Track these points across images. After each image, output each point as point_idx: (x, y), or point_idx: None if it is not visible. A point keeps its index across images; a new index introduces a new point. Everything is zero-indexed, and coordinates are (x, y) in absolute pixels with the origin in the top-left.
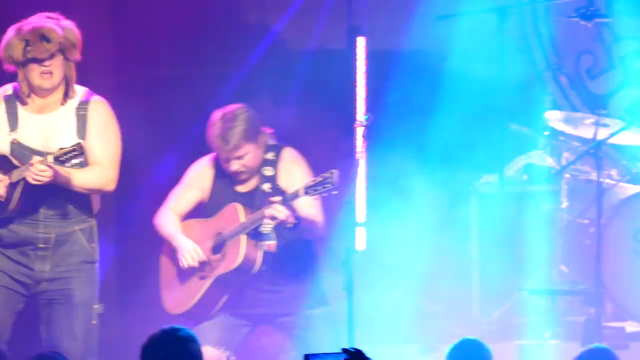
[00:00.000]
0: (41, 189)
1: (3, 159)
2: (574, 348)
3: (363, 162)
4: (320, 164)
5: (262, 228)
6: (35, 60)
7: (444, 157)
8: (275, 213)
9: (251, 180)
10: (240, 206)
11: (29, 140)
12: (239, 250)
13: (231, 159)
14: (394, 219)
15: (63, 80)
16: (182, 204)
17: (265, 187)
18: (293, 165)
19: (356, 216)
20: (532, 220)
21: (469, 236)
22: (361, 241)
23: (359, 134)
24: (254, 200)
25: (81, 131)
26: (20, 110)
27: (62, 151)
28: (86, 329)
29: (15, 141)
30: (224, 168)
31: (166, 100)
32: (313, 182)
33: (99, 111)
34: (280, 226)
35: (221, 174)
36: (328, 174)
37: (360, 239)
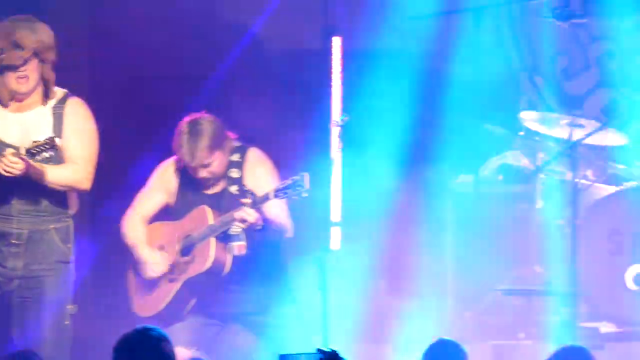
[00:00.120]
0: (15, 183)
1: None
2: (548, 348)
3: (338, 162)
4: (295, 163)
5: (232, 230)
6: (10, 67)
7: (419, 157)
8: (245, 216)
9: (218, 183)
10: (208, 209)
11: (5, 136)
12: (209, 253)
13: (197, 168)
14: (369, 218)
15: (40, 82)
16: (148, 207)
17: (233, 189)
18: (259, 166)
19: (331, 215)
20: (507, 220)
21: (444, 236)
22: (336, 240)
23: (335, 133)
24: (221, 202)
25: (58, 129)
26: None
27: (35, 144)
28: (58, 329)
29: None
30: (191, 174)
31: (144, 99)
32: (283, 185)
33: (76, 110)
34: (249, 228)
35: (186, 176)
36: (298, 177)
37: (335, 238)
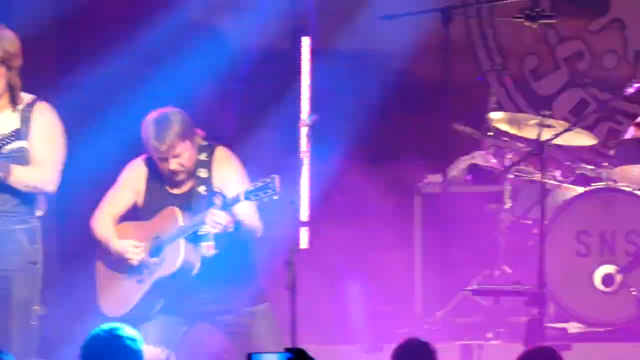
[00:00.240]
0: None
1: None
2: (517, 348)
3: (307, 162)
4: (264, 163)
5: (201, 231)
6: None
7: (387, 157)
8: (216, 219)
9: (186, 183)
10: (178, 210)
11: None
12: (179, 254)
13: (169, 158)
14: (338, 218)
15: (7, 89)
16: (117, 206)
17: (201, 190)
18: (227, 166)
19: (300, 215)
20: (476, 220)
21: (412, 236)
22: (304, 240)
23: (303, 133)
24: (190, 202)
25: (25, 133)
26: None
27: (1, 136)
28: (25, 330)
29: None
30: (161, 169)
31: (111, 99)
32: (254, 187)
33: (43, 114)
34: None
35: (155, 175)
36: (269, 179)
37: (303, 238)
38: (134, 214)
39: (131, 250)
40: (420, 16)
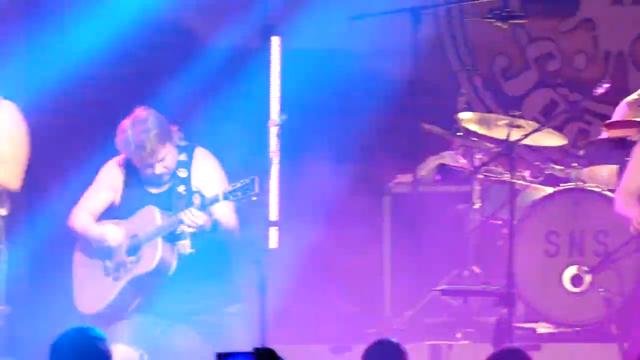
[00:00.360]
0: None
1: None
2: (486, 348)
3: (276, 161)
4: (234, 163)
5: (178, 230)
6: None
7: (357, 157)
8: (194, 219)
9: (165, 182)
10: (156, 209)
11: None
12: (156, 253)
13: (154, 163)
14: (307, 218)
15: None
16: (95, 205)
17: (180, 189)
18: (206, 166)
19: (269, 215)
20: (445, 220)
21: (381, 236)
22: (274, 240)
23: (273, 133)
24: (169, 201)
25: None
26: None
27: None
28: None
29: None
30: (146, 174)
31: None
32: (233, 188)
33: (6, 112)
34: (197, 230)
35: (133, 174)
36: (248, 180)
37: (273, 237)
38: (111, 212)
39: (110, 231)
40: (390, 16)
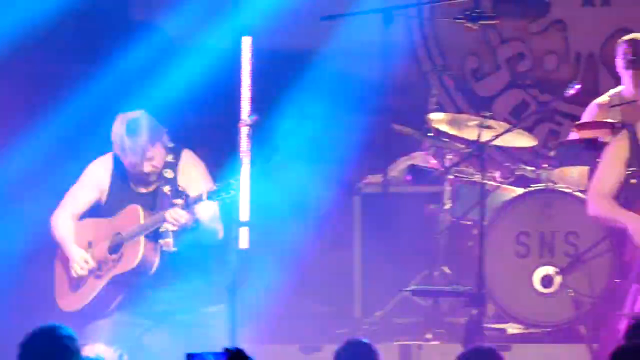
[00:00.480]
0: None
1: None
2: (456, 349)
3: (247, 161)
4: (206, 163)
5: (161, 229)
6: None
7: (327, 157)
8: (176, 217)
9: (152, 182)
10: (140, 208)
11: None
12: (138, 251)
13: (143, 161)
14: (278, 218)
15: None
16: (79, 203)
17: (166, 189)
18: (192, 168)
19: (239, 215)
20: (416, 221)
21: (351, 236)
22: (244, 240)
23: (244, 133)
24: (154, 201)
25: None
26: None
27: None
28: None
29: None
30: (134, 172)
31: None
32: (217, 188)
33: None
34: (180, 229)
35: (120, 173)
36: (232, 180)
37: (243, 238)
38: (96, 210)
39: (79, 263)
40: (362, 17)
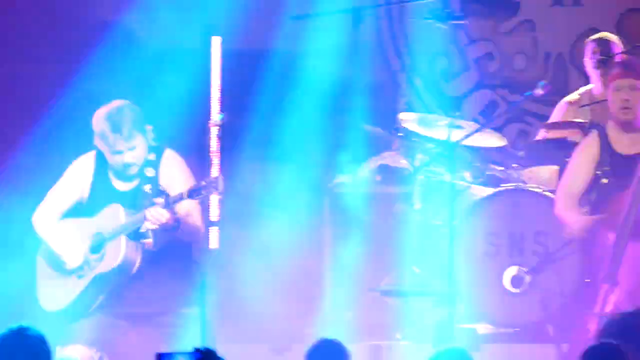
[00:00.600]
0: None
1: None
2: (426, 349)
3: (217, 161)
4: None
5: (142, 228)
6: None
7: (297, 157)
8: (157, 215)
9: (133, 181)
10: (120, 207)
11: None
12: (119, 251)
13: (124, 150)
14: (248, 218)
15: None
16: (60, 202)
17: (147, 188)
18: (174, 167)
19: (210, 215)
20: (386, 221)
21: (321, 236)
22: (214, 240)
23: (213, 133)
24: (135, 200)
25: None
26: None
27: None
28: None
29: None
30: (114, 162)
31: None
32: (197, 186)
33: None
34: (161, 228)
35: (102, 172)
36: (212, 179)
37: (213, 238)
38: (78, 209)
39: (69, 254)
40: (331, 16)
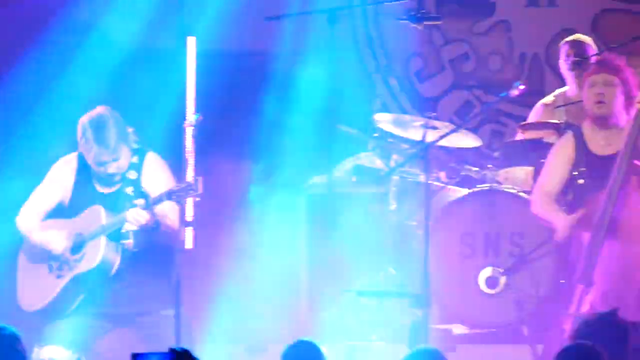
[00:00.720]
0: None
1: None
2: (401, 350)
3: (192, 161)
4: None
5: (123, 229)
6: None
7: (273, 158)
8: (137, 217)
9: (115, 184)
10: (102, 208)
11: None
12: (99, 251)
13: (109, 162)
14: (223, 218)
15: None
16: (43, 205)
17: (128, 190)
18: (157, 170)
19: (185, 215)
20: (361, 221)
21: (297, 236)
22: (189, 240)
23: (188, 133)
24: (116, 202)
25: None
26: None
27: None
28: None
29: None
30: (98, 171)
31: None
32: (177, 188)
33: None
34: (141, 229)
35: (84, 174)
36: (192, 181)
37: (188, 238)
38: (60, 211)
39: (53, 240)
40: (306, 17)
